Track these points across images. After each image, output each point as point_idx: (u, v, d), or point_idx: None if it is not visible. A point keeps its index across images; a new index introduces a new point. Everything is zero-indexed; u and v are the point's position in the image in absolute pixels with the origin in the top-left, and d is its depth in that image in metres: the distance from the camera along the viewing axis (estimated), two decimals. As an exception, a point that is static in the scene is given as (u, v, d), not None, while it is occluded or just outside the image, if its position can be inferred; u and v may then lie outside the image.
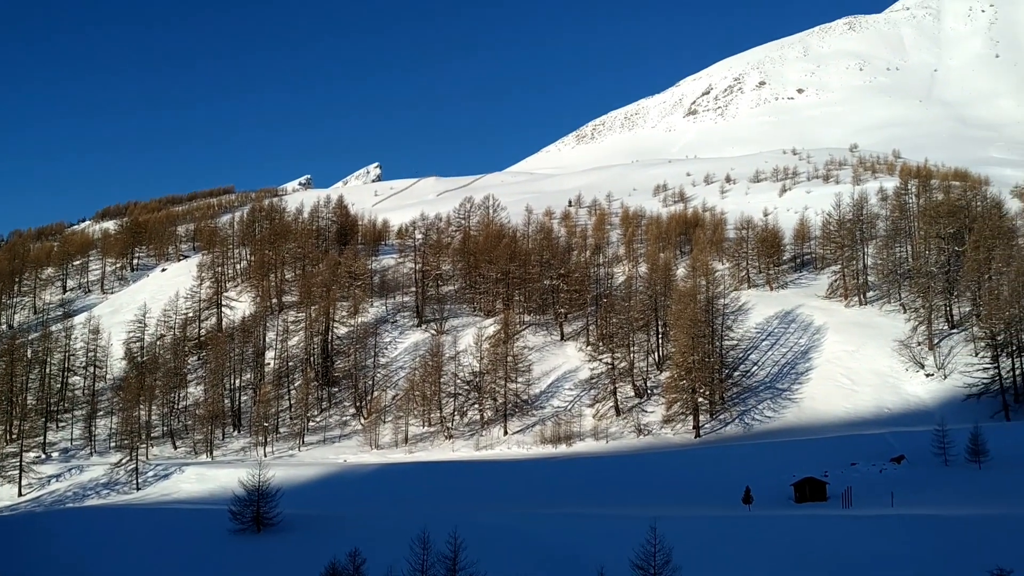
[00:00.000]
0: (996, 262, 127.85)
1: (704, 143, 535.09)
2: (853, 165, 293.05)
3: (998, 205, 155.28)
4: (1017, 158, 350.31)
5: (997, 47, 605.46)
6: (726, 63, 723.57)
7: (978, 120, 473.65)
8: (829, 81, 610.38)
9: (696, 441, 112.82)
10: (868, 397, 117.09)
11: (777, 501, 77.20)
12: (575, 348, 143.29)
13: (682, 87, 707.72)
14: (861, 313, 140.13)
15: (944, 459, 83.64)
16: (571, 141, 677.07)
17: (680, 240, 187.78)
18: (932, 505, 68.02)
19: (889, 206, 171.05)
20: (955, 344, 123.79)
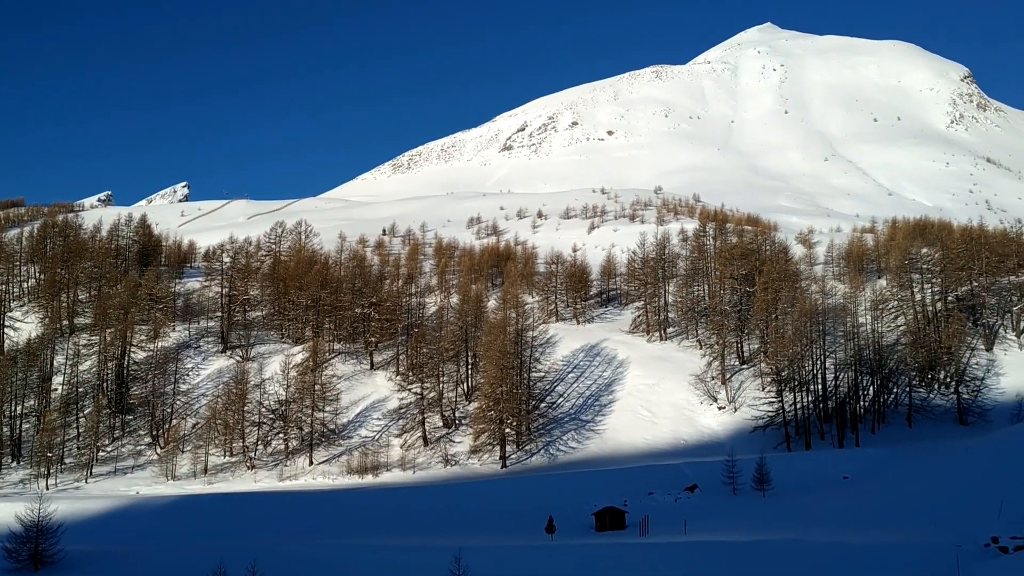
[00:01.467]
0: (782, 303, 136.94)
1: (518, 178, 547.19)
2: (657, 206, 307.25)
3: (785, 250, 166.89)
4: (802, 207, 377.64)
5: (786, 104, 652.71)
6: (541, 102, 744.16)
7: (769, 170, 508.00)
8: (637, 125, 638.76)
9: (503, 471, 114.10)
10: (666, 429, 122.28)
11: (579, 530, 79.09)
12: (385, 377, 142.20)
13: (498, 122, 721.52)
14: (661, 348, 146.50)
15: (733, 488, 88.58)
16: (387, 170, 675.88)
17: (492, 272, 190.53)
18: (721, 532, 71.53)
19: (689, 247, 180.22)
20: (745, 379, 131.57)
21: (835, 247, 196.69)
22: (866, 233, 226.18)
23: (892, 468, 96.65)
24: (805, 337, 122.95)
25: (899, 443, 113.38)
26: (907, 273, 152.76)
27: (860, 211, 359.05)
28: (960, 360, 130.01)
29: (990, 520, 67.45)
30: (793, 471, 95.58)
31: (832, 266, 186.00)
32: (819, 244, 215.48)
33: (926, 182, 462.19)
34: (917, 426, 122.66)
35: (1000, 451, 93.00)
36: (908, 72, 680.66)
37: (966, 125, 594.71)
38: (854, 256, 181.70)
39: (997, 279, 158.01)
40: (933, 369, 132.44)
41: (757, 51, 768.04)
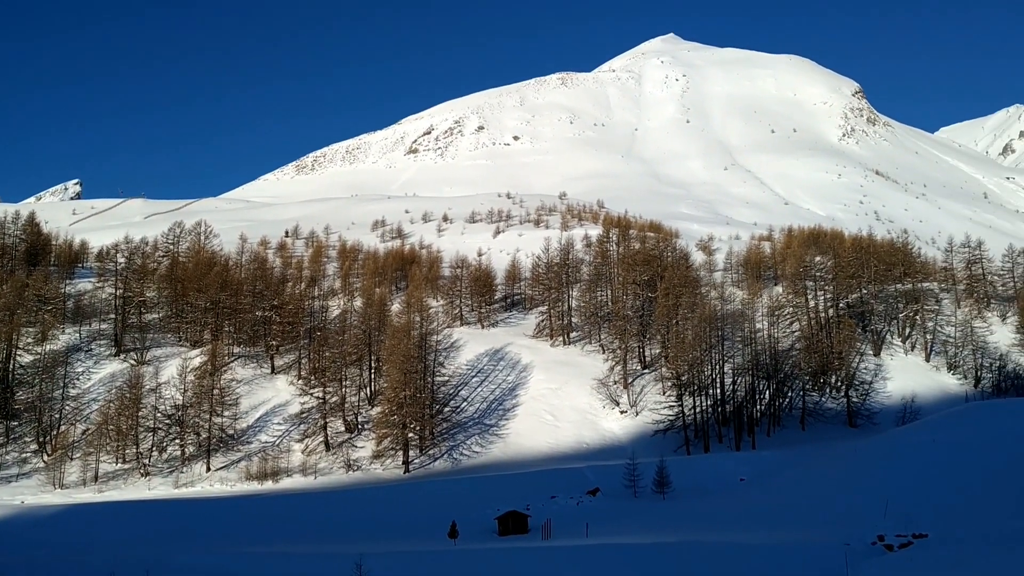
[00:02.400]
0: (683, 309, 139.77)
1: (424, 182, 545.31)
2: (562, 212, 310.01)
3: (686, 256, 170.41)
4: (702, 214, 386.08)
5: (688, 113, 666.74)
6: (448, 105, 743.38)
7: (671, 178, 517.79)
8: (543, 131, 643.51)
9: (405, 476, 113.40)
10: (569, 433, 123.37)
11: (482, 534, 79.05)
12: (286, 382, 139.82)
13: (404, 125, 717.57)
14: (565, 353, 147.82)
15: (634, 491, 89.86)
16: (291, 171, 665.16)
17: (397, 276, 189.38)
18: (622, 534, 72.40)
19: (593, 252, 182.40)
20: (646, 383, 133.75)
21: (734, 254, 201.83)
22: (763, 241, 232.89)
23: (786, 469, 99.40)
24: (705, 342, 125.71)
25: (793, 445, 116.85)
26: (802, 280, 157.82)
27: (758, 219, 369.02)
28: (850, 365, 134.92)
29: (876, 519, 69.95)
30: (692, 474, 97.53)
31: (731, 273, 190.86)
32: (719, 251, 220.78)
33: (820, 192, 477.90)
34: (810, 429, 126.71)
35: (886, 452, 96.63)
36: (803, 86, 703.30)
37: (857, 139, 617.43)
38: (752, 263, 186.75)
39: (884, 287, 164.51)
40: (825, 373, 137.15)
41: (660, 61, 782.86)
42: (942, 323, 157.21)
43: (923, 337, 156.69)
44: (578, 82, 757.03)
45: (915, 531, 65.47)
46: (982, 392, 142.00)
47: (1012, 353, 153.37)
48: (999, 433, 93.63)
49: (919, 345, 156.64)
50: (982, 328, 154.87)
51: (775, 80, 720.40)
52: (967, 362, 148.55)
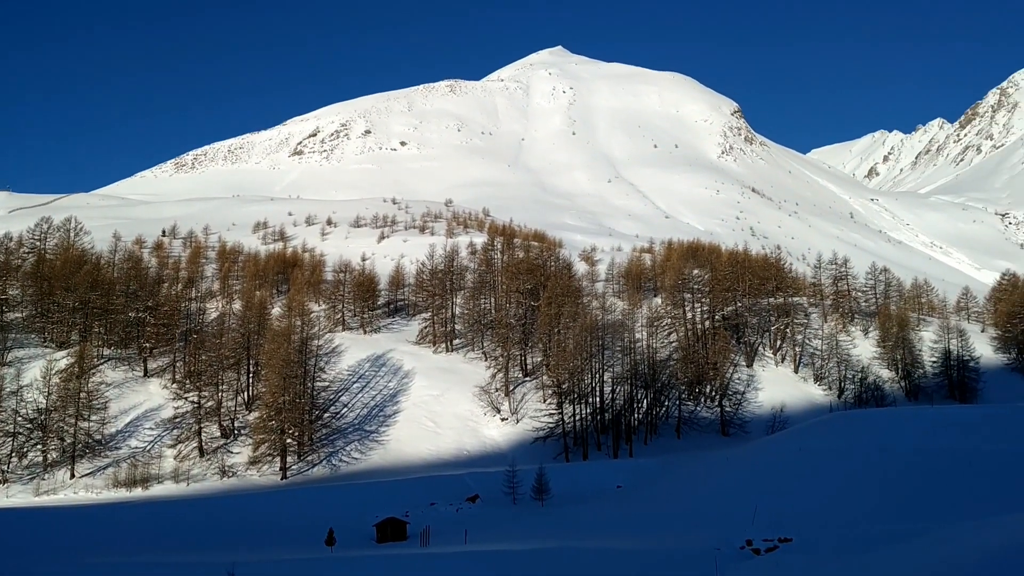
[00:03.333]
0: (565, 318, 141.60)
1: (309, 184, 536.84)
2: (448, 219, 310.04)
3: (569, 266, 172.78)
4: (586, 225, 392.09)
5: (574, 125, 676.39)
6: (334, 108, 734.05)
7: (556, 188, 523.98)
8: (430, 137, 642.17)
9: (283, 483, 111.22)
10: (450, 439, 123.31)
11: (360, 542, 78.20)
12: (159, 385, 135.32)
13: (290, 126, 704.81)
14: (448, 359, 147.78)
15: (513, 498, 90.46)
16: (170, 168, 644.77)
17: (278, 279, 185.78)
18: (500, 541, 72.79)
19: (477, 260, 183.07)
20: (528, 391, 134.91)
21: (616, 265, 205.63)
22: (644, 253, 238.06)
23: (661, 477, 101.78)
24: (585, 351, 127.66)
25: (668, 453, 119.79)
26: (680, 292, 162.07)
27: (640, 232, 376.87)
28: (724, 375, 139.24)
29: (746, 524, 72.35)
30: (570, 481, 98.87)
31: (612, 283, 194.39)
32: (601, 262, 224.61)
33: (699, 207, 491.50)
34: (685, 437, 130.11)
35: (756, 460, 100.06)
36: (686, 104, 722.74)
37: (735, 156, 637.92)
38: (633, 275, 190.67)
39: (758, 300, 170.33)
40: (701, 383, 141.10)
41: (548, 72, 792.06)
42: (810, 336, 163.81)
43: (792, 349, 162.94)
44: (467, 90, 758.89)
45: (781, 535, 67.90)
46: (845, 402, 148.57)
47: (873, 366, 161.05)
48: (859, 442, 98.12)
49: (789, 357, 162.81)
50: (846, 342, 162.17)
51: (659, 97, 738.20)
52: (832, 374, 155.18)
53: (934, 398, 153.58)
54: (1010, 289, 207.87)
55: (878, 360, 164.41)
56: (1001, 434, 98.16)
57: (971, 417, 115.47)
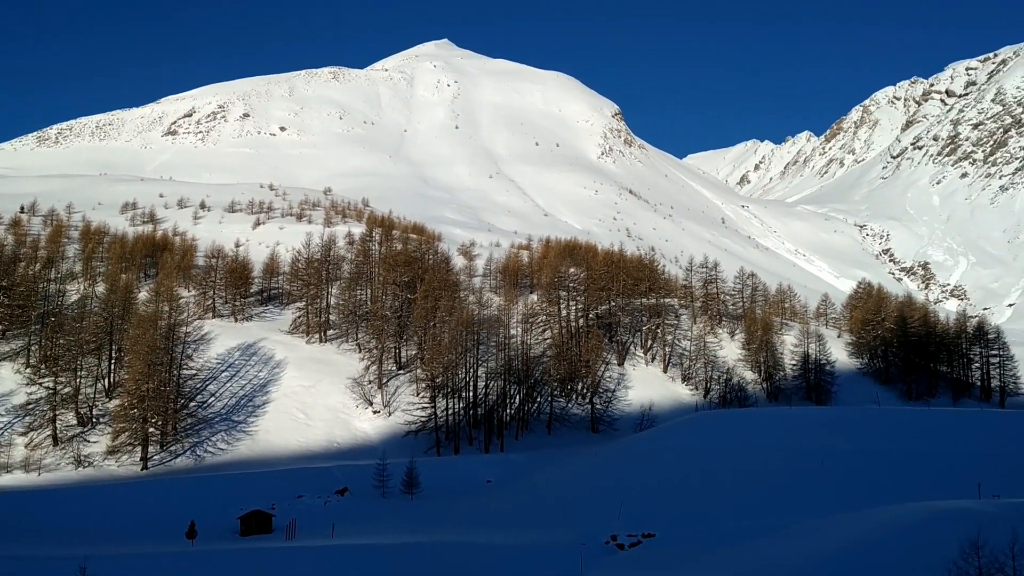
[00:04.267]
0: (441, 311, 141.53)
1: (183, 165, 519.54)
2: (326, 207, 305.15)
3: (447, 260, 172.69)
4: (466, 220, 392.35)
5: (458, 119, 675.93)
6: (212, 89, 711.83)
7: (438, 182, 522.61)
8: (311, 124, 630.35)
9: (143, 473, 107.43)
10: (321, 431, 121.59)
11: (223, 535, 76.36)
12: (12, 369, 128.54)
13: (164, 105, 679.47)
14: (321, 350, 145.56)
15: (383, 491, 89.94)
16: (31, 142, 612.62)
17: (146, 263, 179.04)
18: (369, 534, 72.30)
19: (355, 250, 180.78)
20: (401, 384, 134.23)
21: (494, 261, 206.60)
22: (522, 250, 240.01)
23: (531, 472, 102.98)
24: (460, 346, 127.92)
25: (539, 449, 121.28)
26: (556, 290, 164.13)
27: (519, 228, 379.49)
28: (596, 373, 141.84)
29: (611, 520, 73.99)
30: (441, 475, 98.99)
31: (490, 279, 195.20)
32: (479, 257, 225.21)
33: (578, 206, 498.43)
34: (556, 433, 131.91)
35: (623, 457, 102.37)
36: (568, 104, 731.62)
37: (614, 158, 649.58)
38: (510, 271, 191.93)
39: (631, 300, 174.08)
40: (573, 380, 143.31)
41: (433, 65, 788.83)
42: (680, 337, 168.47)
43: (663, 349, 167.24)
44: (350, 78, 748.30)
45: (644, 531, 69.71)
46: (710, 402, 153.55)
47: (737, 367, 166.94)
48: (722, 440, 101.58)
49: (659, 357, 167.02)
50: (714, 343, 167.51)
51: (542, 95, 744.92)
52: (699, 374, 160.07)
53: (792, 399, 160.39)
54: (865, 297, 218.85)
55: (743, 362, 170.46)
56: (852, 434, 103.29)
57: (825, 418, 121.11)
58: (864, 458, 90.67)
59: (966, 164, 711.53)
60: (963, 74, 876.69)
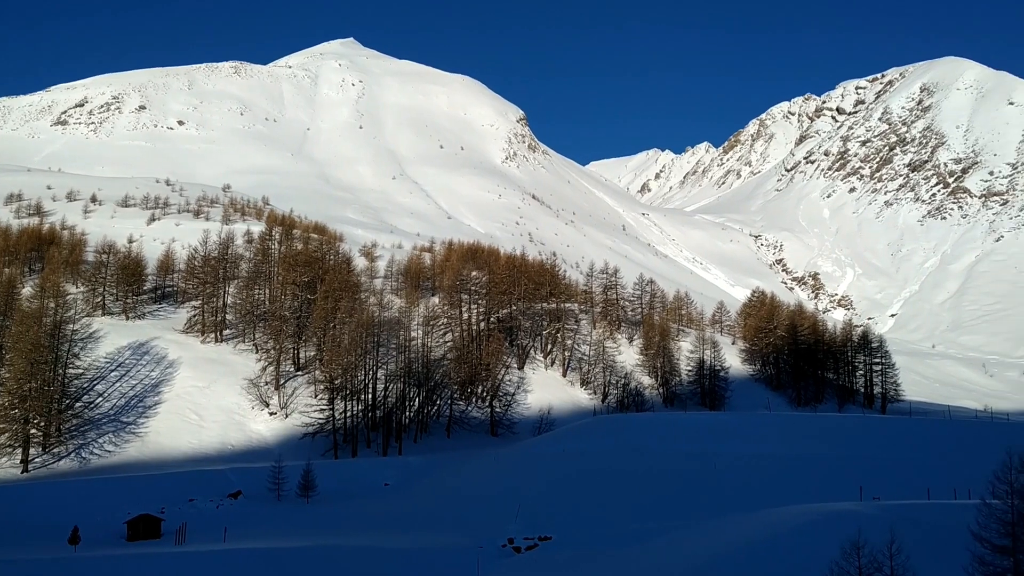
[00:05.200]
0: (341, 312, 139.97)
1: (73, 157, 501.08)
2: (225, 205, 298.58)
3: (348, 261, 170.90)
4: (368, 221, 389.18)
5: (362, 119, 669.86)
6: (106, 79, 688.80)
7: (340, 181, 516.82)
8: (211, 119, 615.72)
9: (23, 477, 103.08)
10: (214, 433, 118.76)
11: (109, 540, 73.86)
12: None
13: (53, 93, 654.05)
14: (216, 350, 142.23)
15: (278, 494, 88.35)
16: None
17: (31, 257, 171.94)
18: (262, 538, 70.94)
19: (254, 249, 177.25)
20: (299, 385, 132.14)
21: (396, 263, 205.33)
22: (425, 252, 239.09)
23: (430, 475, 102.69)
24: (360, 347, 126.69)
25: (438, 452, 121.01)
26: (458, 293, 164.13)
27: (421, 230, 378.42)
28: (496, 377, 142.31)
29: (509, 523, 74.34)
30: (338, 478, 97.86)
31: (391, 280, 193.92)
32: (381, 258, 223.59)
33: (481, 210, 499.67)
34: (455, 436, 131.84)
35: (522, 460, 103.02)
36: (473, 107, 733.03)
37: (518, 163, 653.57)
38: (412, 273, 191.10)
39: (532, 305, 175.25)
40: (473, 384, 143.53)
41: (338, 64, 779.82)
42: (579, 342, 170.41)
43: (562, 354, 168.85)
44: (252, 73, 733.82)
45: (541, 534, 70.24)
46: (608, 407, 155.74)
47: (635, 372, 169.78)
48: (619, 444, 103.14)
49: (558, 361, 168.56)
50: (612, 348, 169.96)
51: (448, 98, 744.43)
52: (598, 379, 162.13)
53: (688, 404, 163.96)
54: (758, 306, 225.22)
55: (640, 367, 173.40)
56: (744, 439, 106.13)
57: (719, 423, 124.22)
58: (755, 461, 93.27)
59: (854, 179, 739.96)
60: (853, 92, 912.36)
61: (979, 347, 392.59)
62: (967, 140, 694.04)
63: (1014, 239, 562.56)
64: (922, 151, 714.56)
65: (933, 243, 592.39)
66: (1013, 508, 38.99)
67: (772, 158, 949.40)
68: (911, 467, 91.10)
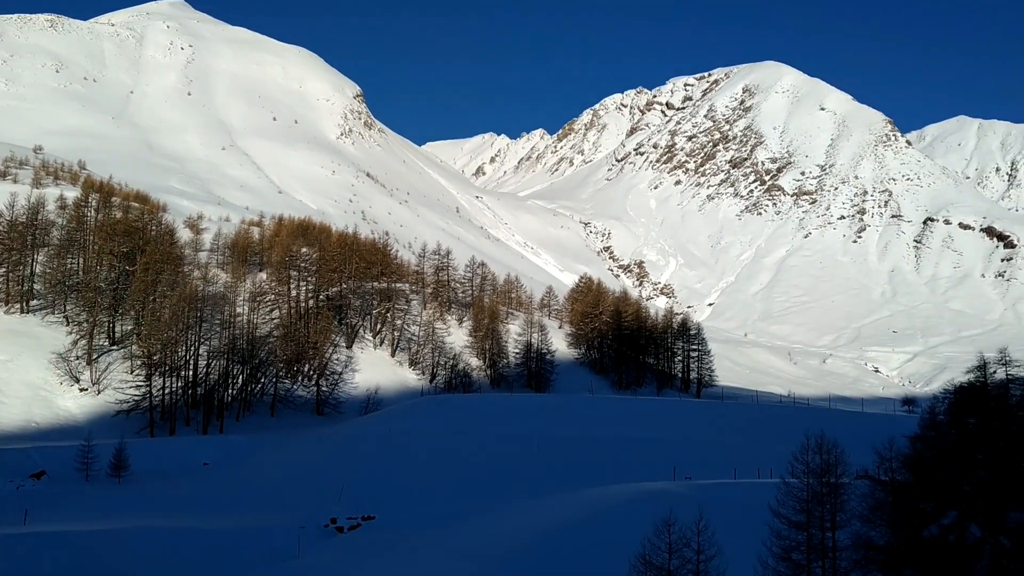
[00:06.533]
0: (162, 285, 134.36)
1: None
2: (36, 167, 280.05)
3: (172, 232, 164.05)
4: (195, 192, 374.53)
5: (191, 85, 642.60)
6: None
7: (165, 149, 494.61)
8: (22, 74, 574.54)
9: None
10: (17, 410, 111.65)
11: None
12: None
13: None
14: (22, 321, 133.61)
15: (87, 474, 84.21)
16: None
17: None
18: (69, 521, 67.58)
19: (67, 215, 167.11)
20: (113, 360, 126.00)
21: (223, 236, 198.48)
22: (253, 226, 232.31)
23: (252, 455, 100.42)
24: (182, 322, 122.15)
25: (261, 431, 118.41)
26: (287, 269, 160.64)
27: (251, 204, 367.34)
28: (324, 355, 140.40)
29: (332, 503, 73.78)
30: (154, 457, 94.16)
31: (218, 254, 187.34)
32: (207, 231, 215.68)
33: (314, 186, 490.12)
34: (280, 415, 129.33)
35: (347, 440, 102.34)
36: (309, 80, 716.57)
37: (353, 140, 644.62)
38: (240, 247, 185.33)
39: (363, 283, 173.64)
40: (300, 362, 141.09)
41: (167, 25, 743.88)
42: (409, 322, 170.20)
43: (392, 334, 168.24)
44: (71, 28, 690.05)
45: (364, 514, 70.12)
46: (436, 387, 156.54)
47: (464, 354, 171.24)
48: (446, 425, 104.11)
49: (388, 341, 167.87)
50: (442, 329, 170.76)
51: (283, 69, 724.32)
52: (427, 359, 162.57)
53: (514, 386, 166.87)
54: (585, 291, 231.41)
55: (469, 348, 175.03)
56: (567, 420, 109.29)
57: (544, 404, 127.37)
58: (578, 443, 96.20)
59: (680, 173, 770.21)
60: (682, 89, 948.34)
61: (786, 336, 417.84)
62: (783, 141, 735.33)
63: (820, 236, 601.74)
64: (743, 149, 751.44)
65: (749, 237, 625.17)
66: (808, 486, 41.99)
67: (604, 148, 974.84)
68: (721, 448, 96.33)
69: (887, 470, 43.17)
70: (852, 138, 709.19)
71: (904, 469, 44.04)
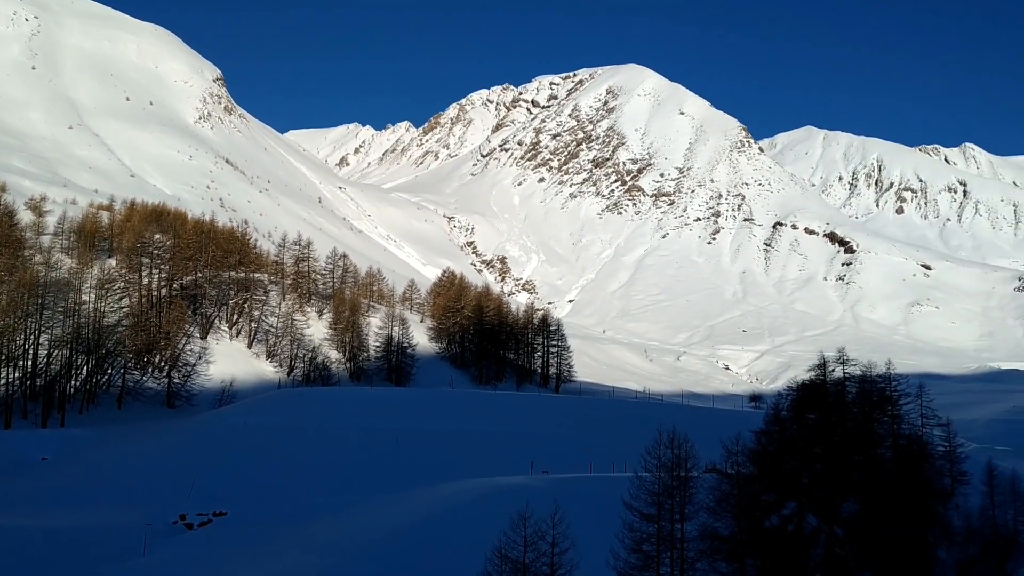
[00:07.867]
0: (1, 270, 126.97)
1: None
2: None
3: (11, 213, 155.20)
4: (38, 171, 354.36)
5: (35, 59, 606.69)
6: None
7: (5, 126, 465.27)
8: None
9: None
10: None
11: None
12: None
13: None
14: None
15: (-89, 470, 78.73)
16: None
17: None
18: None
19: None
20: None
21: (68, 219, 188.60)
22: (103, 210, 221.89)
23: (96, 449, 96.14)
24: (21, 309, 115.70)
25: (107, 424, 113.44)
26: (138, 256, 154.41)
27: (101, 187, 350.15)
28: (176, 346, 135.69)
29: (182, 499, 71.37)
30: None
31: (62, 239, 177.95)
32: (51, 213, 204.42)
33: (169, 170, 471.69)
34: (128, 408, 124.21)
35: (199, 434, 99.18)
36: (166, 60, 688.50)
37: (212, 124, 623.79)
38: (87, 232, 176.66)
39: (220, 273, 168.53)
40: (151, 353, 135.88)
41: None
42: (267, 313, 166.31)
43: (249, 325, 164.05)
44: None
45: (216, 510, 68.25)
46: (294, 380, 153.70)
47: (323, 346, 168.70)
48: (303, 418, 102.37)
49: (244, 332, 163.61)
50: (301, 321, 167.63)
51: (137, 47, 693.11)
52: (285, 351, 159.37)
53: (374, 380, 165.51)
54: (448, 286, 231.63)
55: (329, 341, 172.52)
56: (427, 414, 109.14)
57: (403, 399, 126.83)
58: (438, 437, 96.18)
59: (544, 170, 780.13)
60: (547, 88, 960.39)
61: (643, 333, 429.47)
62: (644, 143, 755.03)
63: (677, 237, 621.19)
64: (605, 149, 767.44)
65: (610, 235, 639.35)
66: (660, 480, 43.30)
67: (470, 143, 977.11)
68: (578, 443, 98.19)
69: (733, 464, 45.03)
70: (709, 143, 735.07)
71: (749, 463, 46.06)
